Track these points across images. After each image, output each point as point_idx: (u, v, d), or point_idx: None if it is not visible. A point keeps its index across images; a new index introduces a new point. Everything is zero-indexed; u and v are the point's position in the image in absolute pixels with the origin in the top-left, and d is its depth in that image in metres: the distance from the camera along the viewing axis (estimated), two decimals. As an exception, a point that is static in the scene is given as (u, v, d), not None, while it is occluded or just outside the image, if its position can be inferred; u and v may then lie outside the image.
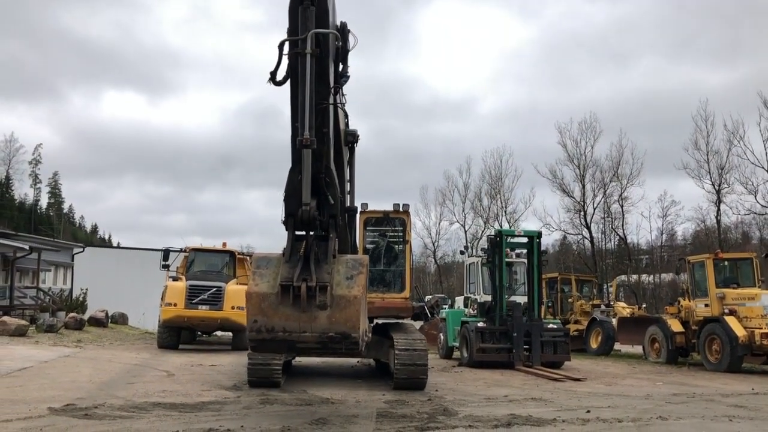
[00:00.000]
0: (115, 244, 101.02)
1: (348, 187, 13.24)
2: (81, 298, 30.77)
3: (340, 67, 9.36)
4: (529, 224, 56.80)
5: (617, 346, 23.12)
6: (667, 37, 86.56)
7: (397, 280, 13.85)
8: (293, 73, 8.07)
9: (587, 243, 51.76)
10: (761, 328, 16.45)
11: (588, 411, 9.90)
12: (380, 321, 14.86)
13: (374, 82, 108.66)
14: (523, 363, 16.45)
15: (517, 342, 16.53)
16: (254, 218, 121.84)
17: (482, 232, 56.61)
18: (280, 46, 8.03)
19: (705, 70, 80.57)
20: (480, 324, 17.04)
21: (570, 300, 25.23)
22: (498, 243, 17.37)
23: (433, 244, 64.14)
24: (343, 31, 8.92)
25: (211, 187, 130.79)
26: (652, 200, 68.88)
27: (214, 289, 19.36)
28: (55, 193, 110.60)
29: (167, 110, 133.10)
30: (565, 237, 55.56)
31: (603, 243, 53.88)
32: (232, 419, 8.81)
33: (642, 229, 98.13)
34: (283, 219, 8.40)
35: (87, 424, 8.24)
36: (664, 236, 55.14)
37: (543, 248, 17.78)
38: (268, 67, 8.13)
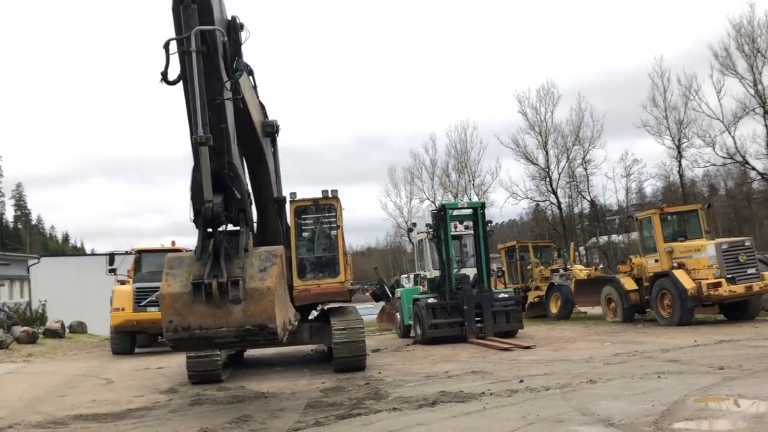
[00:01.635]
0: (88, 252, 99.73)
1: (274, 177, 13.02)
2: (40, 311, 30.16)
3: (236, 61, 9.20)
4: (497, 195, 57.00)
5: (585, 308, 23.14)
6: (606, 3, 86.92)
7: (331, 265, 13.62)
8: (183, 72, 7.91)
9: (556, 209, 51.88)
10: (708, 279, 16.45)
11: (521, 381, 9.75)
12: (326, 307, 14.77)
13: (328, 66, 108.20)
14: (476, 335, 16.31)
15: (468, 315, 16.37)
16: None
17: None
18: (165, 46, 7.83)
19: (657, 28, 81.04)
20: (430, 300, 16.84)
21: (529, 267, 25.16)
22: (442, 217, 17.14)
23: (407, 223, 64.07)
24: (234, 25, 8.78)
25: (182, 185, 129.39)
26: (615, 161, 69.22)
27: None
28: (20, 205, 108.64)
29: (130, 110, 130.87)
30: (537, 205, 55.49)
31: (571, 207, 54.07)
32: (151, 426, 8.55)
33: (608, 190, 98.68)
34: (192, 217, 8.29)
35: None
36: (634, 195, 55.31)
37: (489, 218, 17.58)
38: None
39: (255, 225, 13.82)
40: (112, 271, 20.40)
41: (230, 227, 8.57)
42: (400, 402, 8.78)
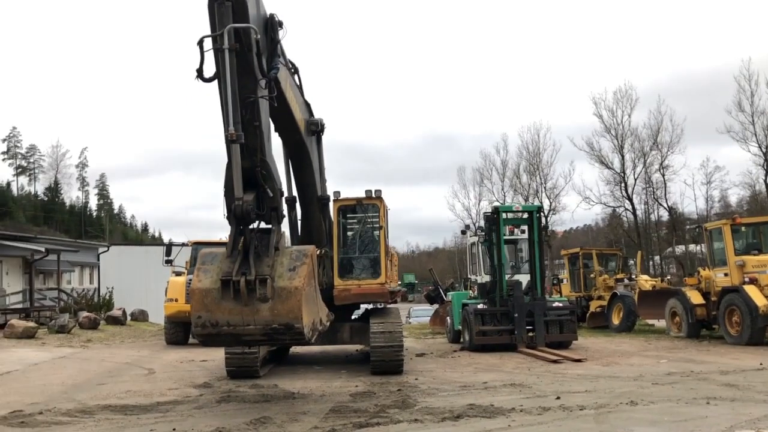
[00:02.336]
0: (166, 242, 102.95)
1: (318, 175, 12.84)
2: (107, 297, 31.12)
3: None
4: (570, 199, 55.39)
5: (651, 321, 22.05)
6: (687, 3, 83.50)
7: (372, 266, 13.34)
8: (217, 69, 7.86)
9: (630, 215, 50.02)
10: (783, 297, 15.27)
11: (558, 397, 9.17)
12: (369, 307, 14.53)
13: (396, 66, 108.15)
14: (526, 344, 15.67)
15: (518, 323, 15.75)
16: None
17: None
18: (199, 43, 7.80)
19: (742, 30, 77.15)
20: (479, 306, 16.31)
21: (592, 276, 24.16)
22: (495, 220, 16.56)
23: (474, 225, 63.06)
24: (272, 22, 8.74)
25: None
26: (695, 167, 66.21)
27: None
28: (103, 194, 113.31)
29: (206, 103, 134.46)
30: (614, 210, 53.62)
31: (647, 214, 52.07)
32: (174, 421, 8.45)
33: (686, 197, 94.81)
34: (226, 214, 8.23)
35: (16, 432, 7.97)
36: (717, 204, 52.79)
37: (544, 224, 16.88)
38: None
39: (299, 223, 13.84)
40: (169, 262, 20.74)
41: (264, 225, 8.48)
42: (425, 413, 8.38)
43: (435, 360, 14.82)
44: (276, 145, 12.17)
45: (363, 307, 14.74)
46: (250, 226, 8.19)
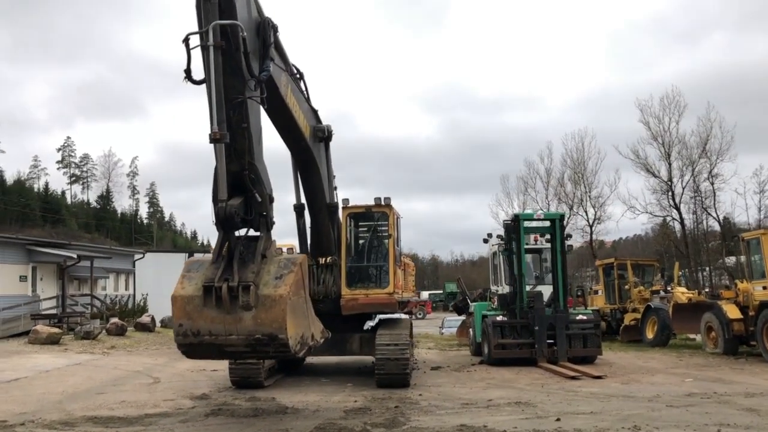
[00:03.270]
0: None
1: (327, 183, 12.49)
2: (141, 304, 31.34)
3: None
4: (615, 208, 53.61)
5: (692, 335, 20.95)
6: (731, 12, 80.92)
7: (381, 275, 12.93)
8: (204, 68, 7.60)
9: (678, 225, 48.20)
10: (823, 312, 14.21)
11: (558, 419, 8.58)
12: (383, 317, 14.11)
13: (437, 76, 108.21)
14: (547, 359, 14.94)
15: (539, 336, 15.04)
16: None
17: (567, 219, 53.93)
18: (185, 41, 7.51)
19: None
20: (498, 318, 15.66)
21: (627, 287, 23.14)
22: (515, 228, 15.90)
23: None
24: (264, 26, 8.49)
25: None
26: (747, 176, 63.60)
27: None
28: (153, 202, 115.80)
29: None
30: (664, 220, 51.76)
31: (695, 224, 50.17)
32: (149, 436, 8.14)
33: (737, 207, 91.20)
34: (214, 221, 7.87)
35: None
36: (768, 213, 50.39)
37: (569, 232, 16.13)
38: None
39: (309, 230, 13.48)
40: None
41: (253, 233, 8.10)
42: (410, 434, 7.88)
43: (448, 374, 14.25)
44: (285, 151, 12.01)
45: (378, 317, 14.37)
46: (237, 232, 7.83)
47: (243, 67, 7.83)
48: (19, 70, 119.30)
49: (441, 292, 77.89)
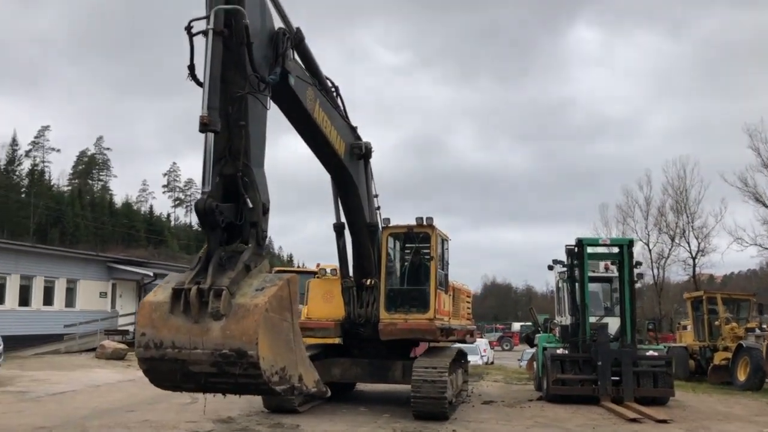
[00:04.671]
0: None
1: (366, 201, 11.96)
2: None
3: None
4: (721, 240, 50.25)
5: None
6: None
7: (421, 299, 12.18)
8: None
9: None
10: None
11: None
12: (433, 345, 13.41)
13: (528, 106, 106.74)
14: (611, 398, 13.61)
15: (602, 372, 13.74)
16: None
17: (669, 250, 51.02)
18: (187, 29, 7.05)
19: None
20: (559, 351, 14.48)
21: (717, 323, 21.15)
22: (578, 254, 14.72)
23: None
24: (278, 35, 8.09)
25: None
26: None
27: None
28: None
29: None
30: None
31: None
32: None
33: None
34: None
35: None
36: None
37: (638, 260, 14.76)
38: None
39: (352, 251, 12.90)
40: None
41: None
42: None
43: (498, 410, 13.21)
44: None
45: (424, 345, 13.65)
46: (217, 231, 6.86)
47: (245, 61, 7.34)
48: (130, 102, 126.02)
49: (531, 323, 75.40)
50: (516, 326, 69.87)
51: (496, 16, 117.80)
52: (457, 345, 14.79)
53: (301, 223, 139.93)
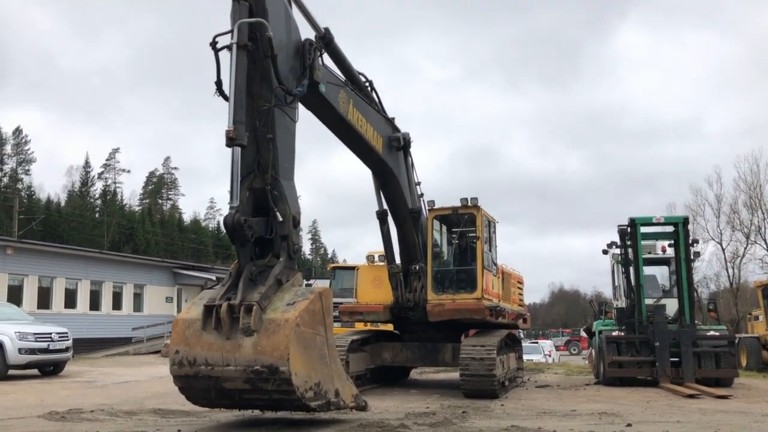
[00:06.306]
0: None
1: (407, 189, 12.05)
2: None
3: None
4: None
5: None
6: None
7: (468, 279, 12.19)
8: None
9: None
10: None
11: (629, 425, 7.37)
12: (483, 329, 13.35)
13: (579, 110, 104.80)
14: (671, 380, 13.19)
15: (660, 353, 13.34)
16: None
17: (744, 249, 48.98)
18: (212, 45, 7.33)
19: None
20: (614, 333, 14.16)
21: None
22: (632, 234, 14.38)
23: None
24: (304, 47, 8.18)
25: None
26: None
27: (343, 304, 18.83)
28: (315, 239, 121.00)
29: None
30: None
31: None
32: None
33: None
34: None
35: (46, 423, 8.26)
36: None
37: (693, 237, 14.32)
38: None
39: (397, 238, 12.96)
40: (308, 285, 20.86)
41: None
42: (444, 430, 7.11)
43: (551, 392, 13.00)
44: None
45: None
46: (247, 246, 7.02)
47: (271, 75, 7.46)
48: (191, 125, 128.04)
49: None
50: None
51: (538, 23, 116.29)
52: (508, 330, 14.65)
53: (362, 236, 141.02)
